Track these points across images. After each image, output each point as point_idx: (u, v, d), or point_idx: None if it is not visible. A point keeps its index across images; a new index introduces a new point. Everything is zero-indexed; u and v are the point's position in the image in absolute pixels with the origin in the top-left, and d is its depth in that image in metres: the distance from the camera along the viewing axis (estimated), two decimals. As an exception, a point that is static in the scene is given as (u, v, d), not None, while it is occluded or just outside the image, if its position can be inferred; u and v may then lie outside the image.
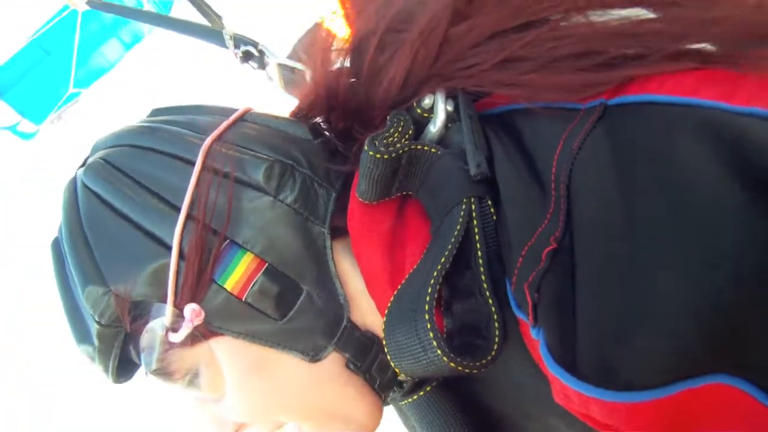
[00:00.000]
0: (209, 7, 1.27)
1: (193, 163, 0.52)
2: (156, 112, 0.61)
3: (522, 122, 0.47)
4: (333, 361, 0.54)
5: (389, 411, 0.62)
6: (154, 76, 3.30)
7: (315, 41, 0.56)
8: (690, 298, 0.32)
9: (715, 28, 0.40)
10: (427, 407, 0.51)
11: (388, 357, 0.47)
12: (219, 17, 1.24)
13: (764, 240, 0.31)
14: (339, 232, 0.55)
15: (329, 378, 0.54)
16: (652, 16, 0.43)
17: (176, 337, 0.51)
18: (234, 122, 0.57)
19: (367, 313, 0.55)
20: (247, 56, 0.82)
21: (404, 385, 0.57)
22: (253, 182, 0.53)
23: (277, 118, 0.60)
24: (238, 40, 0.82)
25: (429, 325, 0.43)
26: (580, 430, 0.41)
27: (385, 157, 0.48)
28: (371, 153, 0.48)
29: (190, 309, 0.50)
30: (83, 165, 0.57)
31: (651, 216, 0.34)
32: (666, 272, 0.33)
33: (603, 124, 0.40)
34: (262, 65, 0.74)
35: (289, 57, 0.67)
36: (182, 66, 3.03)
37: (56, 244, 0.58)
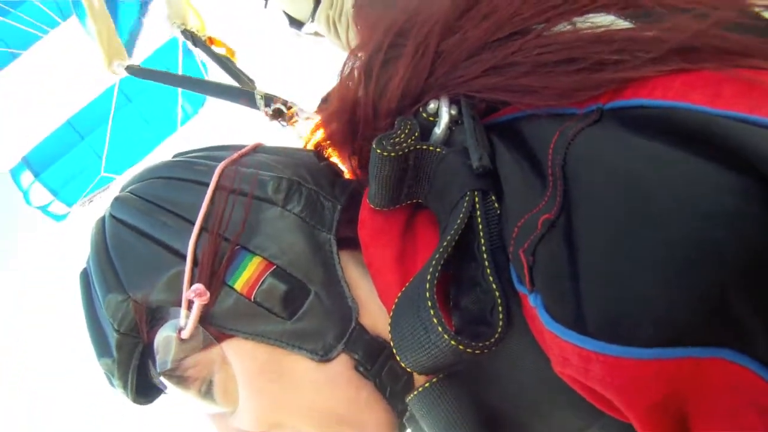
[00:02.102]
0: (241, 71, 1.35)
1: (208, 185, 0.58)
2: (177, 154, 0.68)
3: (523, 125, 0.49)
4: (343, 363, 0.55)
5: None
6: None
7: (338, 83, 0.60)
8: (690, 255, 0.33)
9: (675, 37, 0.43)
10: (432, 399, 0.50)
11: (394, 351, 0.48)
12: (251, 81, 1.32)
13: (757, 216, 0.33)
14: (347, 243, 0.58)
15: (339, 380, 0.56)
16: (628, 25, 0.47)
17: (187, 331, 0.54)
18: (247, 152, 0.63)
19: (377, 318, 0.56)
20: (276, 114, 0.88)
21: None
22: (263, 196, 0.58)
23: (285, 147, 0.67)
24: (268, 99, 0.88)
25: (430, 303, 0.44)
26: (586, 415, 0.43)
27: (392, 155, 0.51)
28: (378, 151, 0.51)
29: (194, 290, 0.53)
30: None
31: (647, 185, 0.36)
32: (665, 232, 0.34)
33: (599, 124, 0.43)
34: (290, 121, 0.78)
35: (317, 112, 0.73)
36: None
37: (84, 274, 0.63)
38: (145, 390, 0.61)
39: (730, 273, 0.33)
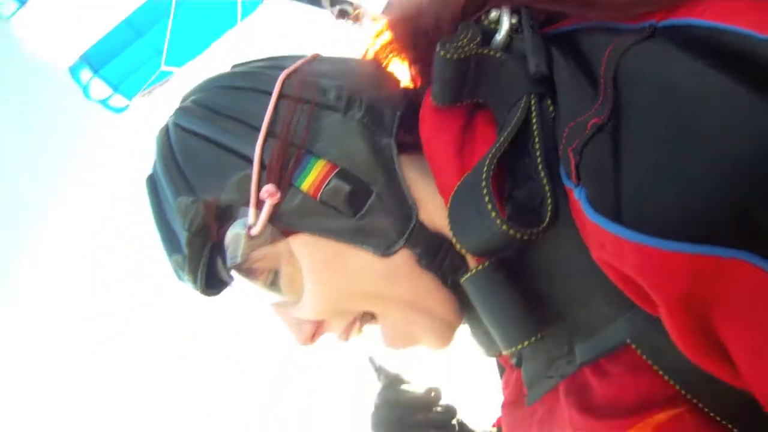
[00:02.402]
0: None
1: (270, 93, 0.62)
2: (237, 65, 0.71)
3: (580, 37, 0.52)
4: (404, 257, 0.60)
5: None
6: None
7: None
8: (726, 170, 0.36)
9: None
10: (484, 280, 0.55)
11: (452, 234, 0.53)
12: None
13: None
14: (405, 147, 0.62)
15: (402, 271, 0.60)
16: None
17: (257, 228, 0.59)
18: (307, 62, 0.66)
19: (436, 215, 0.60)
20: (341, 14, 0.92)
21: None
22: (325, 103, 0.62)
23: (344, 57, 0.70)
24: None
25: (485, 191, 0.48)
26: (616, 306, 0.47)
27: (455, 57, 0.54)
28: (442, 54, 0.54)
29: (266, 190, 0.58)
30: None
31: (692, 101, 0.39)
32: (706, 146, 0.37)
33: (651, 40, 0.45)
34: (356, 20, 0.82)
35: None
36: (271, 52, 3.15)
37: (150, 178, 0.68)
38: (212, 283, 0.66)
39: (760, 189, 0.36)
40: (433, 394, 0.88)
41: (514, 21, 0.55)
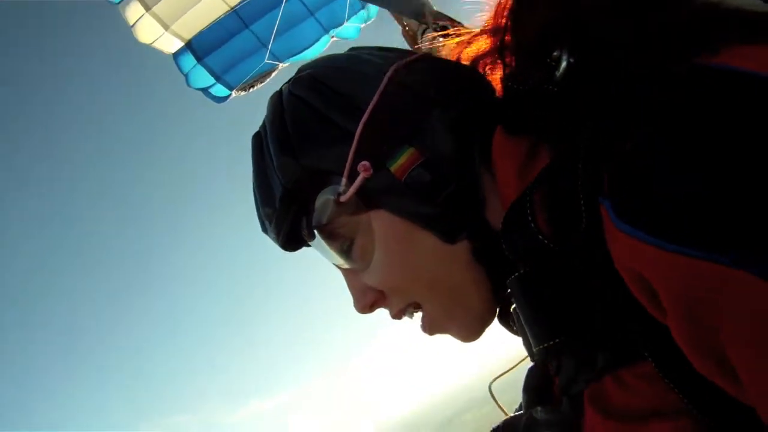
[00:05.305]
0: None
1: (380, 80, 0.68)
2: (354, 48, 0.78)
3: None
4: (464, 247, 0.67)
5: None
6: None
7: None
8: (716, 187, 0.40)
9: None
10: (526, 280, 0.61)
11: (502, 242, 0.61)
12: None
13: None
14: (487, 151, 0.67)
15: (458, 260, 0.68)
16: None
17: (345, 196, 0.66)
18: (417, 58, 0.74)
19: (497, 216, 0.65)
20: (443, 29, 0.99)
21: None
22: (427, 98, 0.68)
23: (449, 60, 0.76)
24: (438, 16, 0.96)
25: (529, 212, 0.57)
26: (638, 322, 0.50)
27: (518, 88, 0.63)
28: (509, 84, 0.65)
29: (362, 164, 0.65)
30: (288, 82, 0.75)
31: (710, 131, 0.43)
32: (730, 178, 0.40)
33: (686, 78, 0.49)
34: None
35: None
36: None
37: (257, 135, 0.75)
38: (292, 240, 0.74)
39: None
40: None
41: (572, 60, 0.58)
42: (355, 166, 0.66)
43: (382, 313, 0.77)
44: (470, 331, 0.74)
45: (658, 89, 0.47)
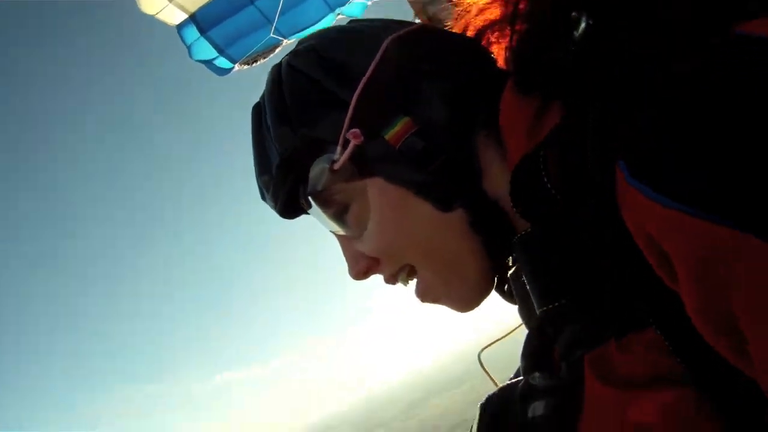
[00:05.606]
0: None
1: (376, 51, 0.68)
2: (353, 20, 0.78)
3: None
4: (460, 216, 0.67)
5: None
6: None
7: None
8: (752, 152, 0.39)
9: None
10: (531, 240, 0.62)
11: (510, 198, 0.61)
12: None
13: None
14: (486, 122, 0.68)
15: (453, 229, 0.68)
16: None
17: (339, 164, 0.67)
18: (414, 29, 0.73)
19: (498, 185, 0.67)
20: None
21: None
22: (422, 69, 0.68)
23: (447, 31, 0.76)
24: None
25: (542, 167, 0.57)
26: (647, 289, 0.49)
27: (528, 52, 0.63)
28: (521, 47, 0.64)
29: (352, 132, 0.66)
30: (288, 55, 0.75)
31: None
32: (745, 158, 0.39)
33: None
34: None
35: None
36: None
37: (257, 106, 0.76)
38: (289, 207, 0.75)
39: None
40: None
41: (591, 22, 0.57)
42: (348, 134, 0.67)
43: (359, 296, 0.76)
44: (466, 301, 0.74)
45: (682, 57, 0.46)
